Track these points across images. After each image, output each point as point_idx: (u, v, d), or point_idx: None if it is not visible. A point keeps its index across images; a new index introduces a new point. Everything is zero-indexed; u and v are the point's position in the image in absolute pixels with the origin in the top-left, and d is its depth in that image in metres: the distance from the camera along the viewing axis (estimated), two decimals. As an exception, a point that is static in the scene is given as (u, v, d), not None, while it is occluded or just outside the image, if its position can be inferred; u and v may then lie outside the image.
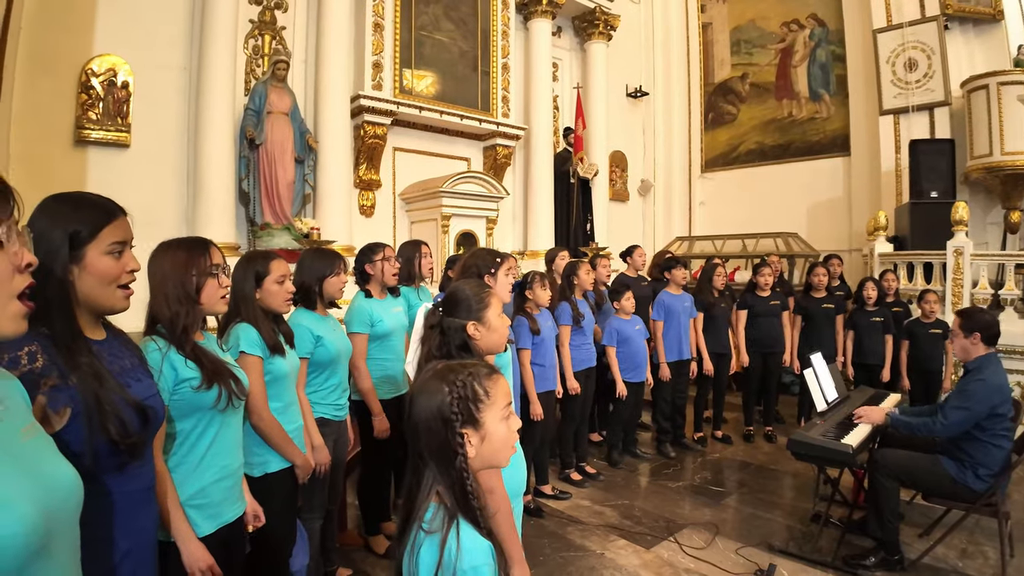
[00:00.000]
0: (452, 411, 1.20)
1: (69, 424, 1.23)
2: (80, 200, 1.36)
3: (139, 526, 1.39)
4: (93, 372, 1.28)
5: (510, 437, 1.27)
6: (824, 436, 3.15)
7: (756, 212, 8.74)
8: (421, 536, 1.16)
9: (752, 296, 5.48)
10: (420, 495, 1.22)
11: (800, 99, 8.71)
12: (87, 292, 1.33)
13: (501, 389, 1.26)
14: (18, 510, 0.81)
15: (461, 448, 1.20)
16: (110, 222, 1.35)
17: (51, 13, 4.66)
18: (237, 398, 1.87)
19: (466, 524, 1.16)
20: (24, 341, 1.21)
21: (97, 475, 1.29)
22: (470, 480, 1.19)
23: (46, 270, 1.25)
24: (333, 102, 5.82)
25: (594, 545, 3.46)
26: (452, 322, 1.83)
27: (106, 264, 1.33)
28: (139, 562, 1.39)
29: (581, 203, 7.82)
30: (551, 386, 4.04)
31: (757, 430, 5.58)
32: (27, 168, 4.40)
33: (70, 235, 1.29)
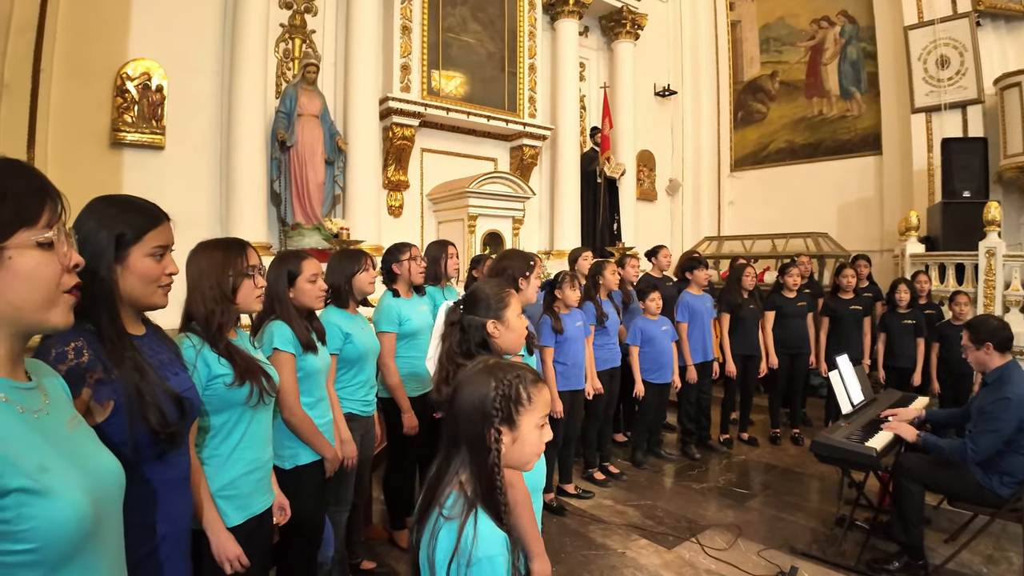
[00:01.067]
0: (494, 407, 1.24)
1: (111, 416, 1.30)
2: (128, 204, 1.43)
3: (175, 512, 1.46)
4: (135, 365, 1.34)
5: (540, 446, 1.30)
6: (848, 438, 3.12)
7: (786, 212, 8.64)
8: (441, 521, 1.21)
9: (779, 297, 5.43)
10: (444, 481, 1.27)
11: (831, 97, 8.58)
12: (129, 290, 1.40)
13: (543, 399, 1.30)
14: (71, 498, 0.87)
15: (496, 444, 1.24)
16: (155, 227, 1.42)
17: (86, 19, 4.83)
18: (268, 394, 1.93)
19: (484, 514, 1.20)
20: (70, 337, 1.28)
21: (137, 464, 1.35)
22: (499, 476, 1.23)
23: (93, 269, 1.31)
24: (362, 104, 5.92)
25: (616, 544, 3.47)
26: (472, 320, 1.88)
27: (148, 266, 1.40)
28: (174, 546, 1.45)
29: (608, 203, 7.82)
30: (577, 385, 4.05)
31: (783, 432, 5.52)
32: (65, 169, 4.55)
33: (116, 236, 1.36)
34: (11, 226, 0.88)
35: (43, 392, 0.99)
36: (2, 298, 0.88)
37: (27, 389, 0.95)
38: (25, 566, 0.83)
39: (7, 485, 0.81)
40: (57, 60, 4.60)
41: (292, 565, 2.45)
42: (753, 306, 5.26)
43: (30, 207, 0.90)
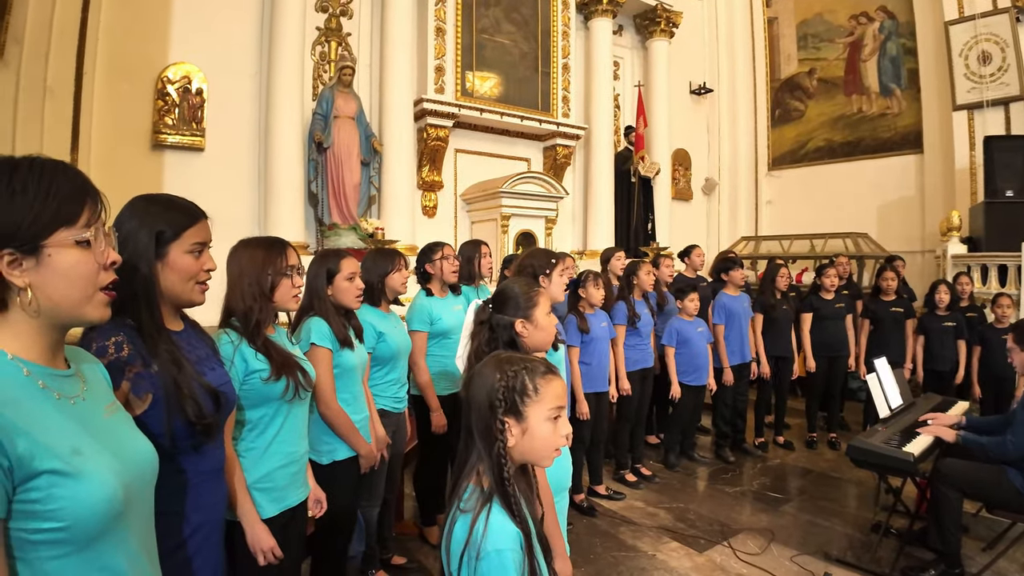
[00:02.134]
0: (498, 397, 1.25)
1: (150, 408, 1.35)
2: (168, 203, 1.48)
3: (209, 503, 1.50)
4: (173, 359, 1.39)
5: (554, 439, 1.29)
6: (886, 443, 3.04)
7: (825, 211, 8.44)
8: (456, 514, 1.23)
9: (816, 298, 5.31)
10: (463, 473, 1.29)
11: (870, 94, 8.36)
12: (168, 287, 1.44)
13: (553, 390, 1.29)
14: (101, 480, 0.92)
15: (501, 435, 1.25)
16: (193, 224, 1.47)
17: (128, 23, 4.98)
18: (304, 389, 1.98)
19: (499, 508, 1.21)
20: (111, 332, 1.34)
21: (174, 455, 1.40)
22: (507, 466, 1.23)
23: (133, 266, 1.37)
24: (397, 106, 5.99)
25: (646, 546, 3.45)
26: (501, 319, 1.89)
27: (187, 262, 1.45)
28: (207, 535, 1.50)
29: (642, 202, 7.77)
30: (601, 387, 4.04)
31: (820, 436, 5.41)
32: (107, 171, 4.69)
33: (156, 234, 1.41)
34: (52, 225, 0.93)
35: (82, 379, 1.05)
36: (42, 293, 0.93)
37: (65, 376, 1.00)
38: (54, 544, 0.87)
39: (38, 467, 0.85)
40: (100, 64, 4.75)
41: (325, 558, 2.50)
42: (786, 307, 5.17)
43: (70, 207, 0.95)
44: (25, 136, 3.76)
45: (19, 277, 0.92)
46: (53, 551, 0.87)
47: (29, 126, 3.81)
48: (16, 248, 0.91)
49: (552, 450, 1.30)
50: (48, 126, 4.02)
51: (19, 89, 3.68)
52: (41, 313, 0.94)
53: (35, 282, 0.93)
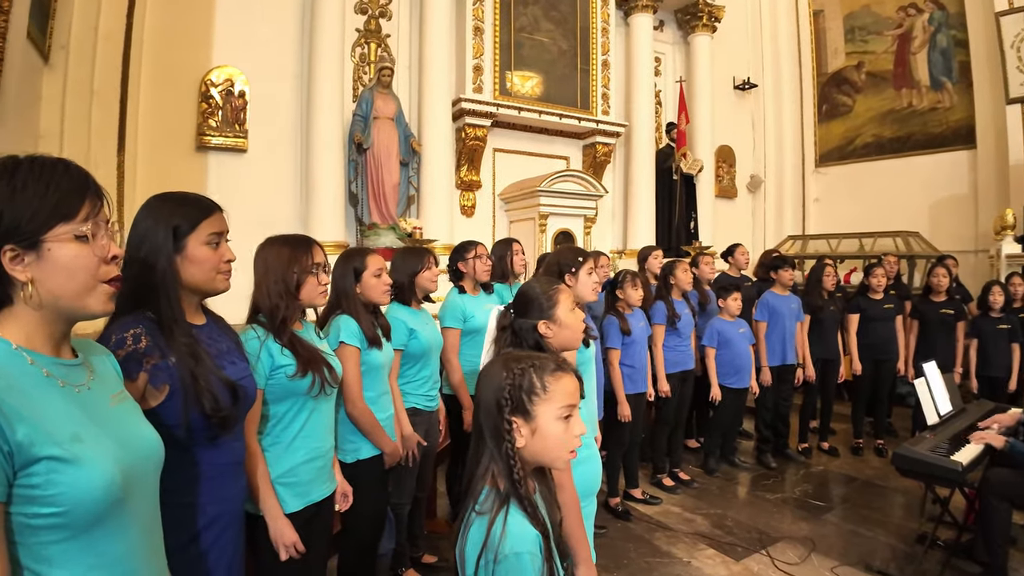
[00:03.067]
0: (504, 396, 1.22)
1: (167, 400, 1.37)
2: (181, 199, 1.51)
3: (226, 495, 1.51)
4: (191, 352, 1.41)
5: (566, 439, 1.25)
6: (933, 451, 2.88)
7: (874, 209, 8.12)
8: (472, 516, 1.20)
9: (864, 299, 5.09)
10: (477, 475, 1.25)
11: (920, 88, 8.02)
12: (190, 279, 1.47)
13: (563, 388, 1.25)
14: (100, 467, 0.93)
15: (508, 435, 1.21)
16: (208, 216, 1.49)
17: (172, 28, 5.14)
18: (330, 385, 1.98)
19: (517, 510, 1.17)
20: (131, 324, 1.37)
21: (190, 447, 1.43)
22: (517, 467, 1.20)
23: (152, 261, 1.41)
24: (435, 106, 6.03)
25: (681, 552, 3.36)
26: (523, 323, 1.85)
27: (205, 253, 1.47)
28: (224, 528, 1.51)
29: (684, 200, 7.62)
30: (641, 388, 3.96)
31: (867, 443, 5.19)
32: (153, 171, 4.87)
33: (173, 229, 1.43)
34: (51, 221, 0.96)
35: (89, 369, 1.07)
36: (43, 287, 0.96)
37: (71, 366, 1.03)
38: (52, 528, 0.89)
39: (38, 453, 0.87)
40: (145, 68, 4.92)
41: (352, 555, 2.51)
42: (833, 308, 4.97)
43: (69, 203, 0.98)
44: (73, 138, 3.88)
45: (21, 272, 0.95)
46: (52, 536, 0.89)
47: (77, 129, 3.92)
48: (17, 243, 0.94)
49: (566, 451, 1.26)
50: (95, 129, 4.15)
51: (66, 93, 3.78)
52: (44, 306, 0.97)
53: (37, 276, 0.96)
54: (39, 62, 3.50)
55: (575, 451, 1.28)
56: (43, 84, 3.60)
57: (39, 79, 3.55)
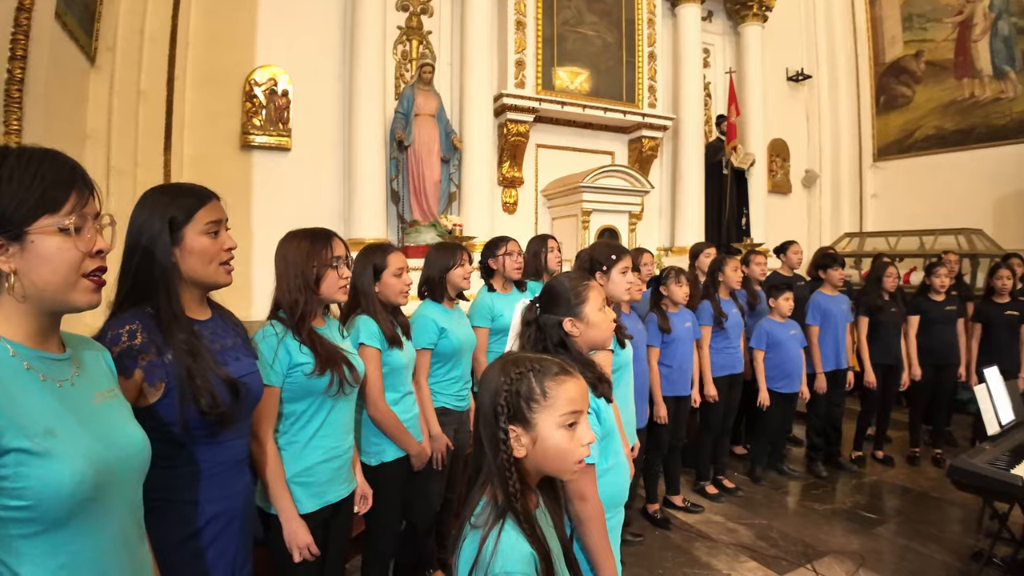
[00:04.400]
0: (499, 403, 1.13)
1: (163, 397, 1.35)
2: (175, 190, 1.49)
3: (227, 494, 1.48)
4: (189, 348, 1.38)
5: (571, 449, 1.15)
6: (992, 464, 2.65)
7: (935, 206, 7.66)
8: (467, 528, 1.12)
9: (925, 300, 4.78)
10: (476, 484, 1.18)
11: (982, 78, 7.48)
12: (190, 271, 1.44)
13: (566, 393, 1.15)
14: (71, 464, 0.92)
15: (504, 444, 1.12)
16: (203, 205, 1.46)
17: (216, 29, 5.21)
18: (349, 385, 1.94)
19: (513, 526, 1.08)
20: (128, 320, 1.35)
21: (190, 444, 1.41)
22: (513, 480, 1.11)
23: (150, 255, 1.39)
24: (477, 102, 5.96)
25: (720, 564, 3.20)
26: (548, 319, 1.75)
27: (204, 243, 1.44)
28: (225, 526, 1.48)
29: (735, 196, 7.35)
30: (682, 391, 3.80)
31: (924, 452, 4.86)
32: (199, 170, 4.95)
33: (169, 221, 1.41)
34: (35, 212, 0.95)
35: (75, 364, 1.06)
36: (27, 278, 0.96)
37: (56, 360, 1.02)
38: (21, 522, 0.89)
39: (7, 445, 0.87)
40: (190, 69, 5.00)
41: (373, 557, 2.46)
42: (895, 310, 4.67)
43: (54, 195, 0.97)
44: (120, 139, 3.99)
45: (5, 263, 0.95)
46: (20, 529, 0.89)
47: (124, 129, 4.03)
48: (1, 234, 0.93)
49: (571, 462, 1.16)
50: (142, 129, 4.25)
51: (112, 94, 3.88)
52: (27, 298, 0.97)
53: (20, 268, 0.95)
54: (85, 64, 3.59)
55: (583, 461, 1.18)
56: (90, 86, 3.69)
57: (86, 81, 3.64)
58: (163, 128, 4.52)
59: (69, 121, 3.41)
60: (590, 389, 1.68)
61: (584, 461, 1.18)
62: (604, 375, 1.76)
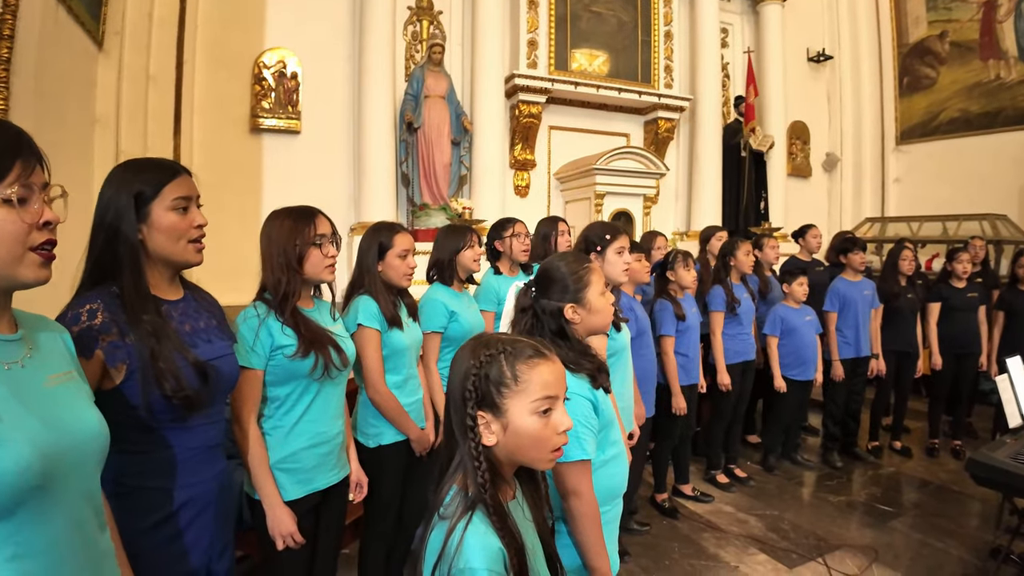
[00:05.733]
0: (468, 388, 1.06)
1: (126, 379, 1.30)
2: (144, 164, 1.43)
3: (199, 480, 1.45)
4: (153, 330, 1.33)
5: (545, 436, 1.07)
6: (1013, 459, 2.51)
7: (960, 190, 7.39)
8: (435, 520, 1.05)
9: (947, 287, 4.61)
10: (447, 473, 1.10)
11: (1008, 59, 7.17)
12: (158, 249, 1.39)
13: (539, 377, 1.07)
14: (15, 450, 0.87)
15: (472, 432, 1.05)
16: (172, 180, 1.40)
17: (225, 12, 5.15)
18: (335, 368, 1.88)
19: (482, 518, 1.01)
20: (89, 299, 1.30)
21: (158, 429, 1.36)
22: (482, 470, 1.04)
23: (115, 231, 1.33)
24: (488, 83, 5.85)
25: (729, 556, 3.11)
26: (547, 305, 1.64)
27: (171, 220, 1.39)
28: (199, 512, 1.45)
29: (754, 179, 7.17)
30: (694, 379, 3.69)
31: (943, 444, 4.72)
32: (209, 155, 4.94)
33: (134, 196, 1.35)
34: None
35: (28, 345, 1.01)
36: None
37: (5, 341, 0.97)
38: None
39: None
40: (199, 52, 4.96)
41: (372, 540, 2.42)
42: (911, 296, 4.51)
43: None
44: (129, 123, 3.97)
45: None
46: None
47: (133, 113, 4.02)
48: None
49: (546, 450, 1.08)
50: (151, 113, 4.23)
51: (121, 78, 3.87)
52: None
53: None
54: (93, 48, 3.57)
55: (561, 449, 1.10)
56: (98, 70, 3.67)
57: (93, 65, 3.62)
58: (172, 112, 4.51)
59: (77, 106, 3.40)
60: (588, 380, 1.60)
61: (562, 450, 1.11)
62: (603, 365, 1.68)
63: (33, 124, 2.66)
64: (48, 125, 2.83)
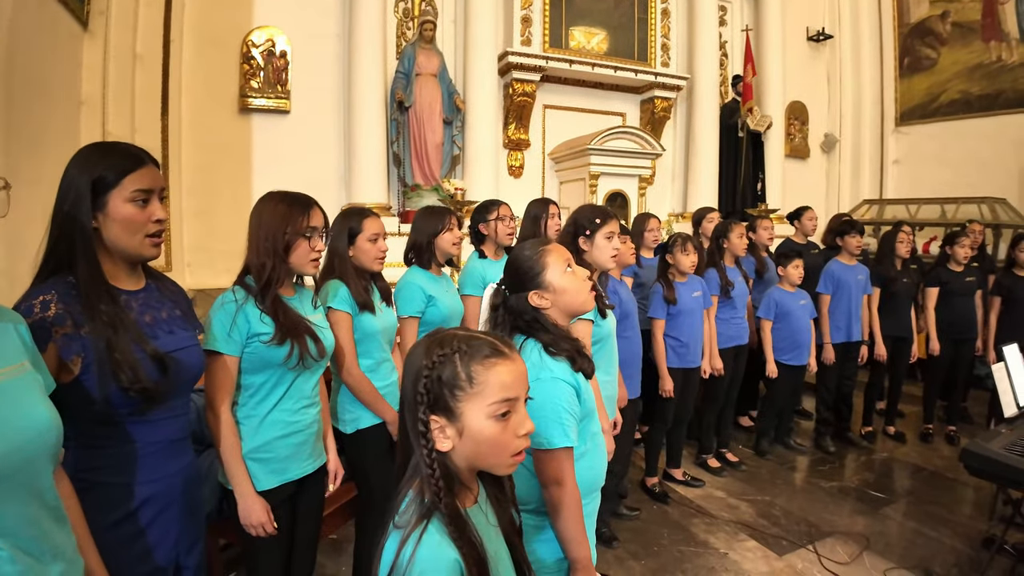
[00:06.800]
0: (418, 391, 0.99)
1: (83, 372, 1.26)
2: (110, 148, 1.38)
3: (162, 475, 1.41)
4: (109, 321, 1.29)
5: (504, 441, 1.01)
6: (1007, 450, 2.45)
7: (960, 173, 7.29)
8: (391, 527, 1.00)
9: (945, 271, 4.53)
10: (404, 478, 1.05)
11: (1010, 41, 7.04)
12: (114, 240, 1.34)
13: (497, 378, 1.00)
14: None
15: (424, 437, 0.99)
16: (135, 169, 1.34)
17: (213, -11, 5.02)
18: (311, 358, 1.83)
19: (438, 527, 0.96)
20: (43, 290, 1.25)
21: (119, 423, 1.33)
22: (436, 476, 0.98)
23: (72, 218, 1.28)
24: (481, 61, 5.73)
25: (719, 543, 3.09)
26: (516, 298, 1.60)
27: (129, 212, 1.33)
28: (164, 507, 1.42)
29: (751, 160, 7.06)
30: (691, 363, 3.62)
31: (938, 429, 4.68)
32: (198, 136, 4.87)
33: (93, 182, 1.30)
34: None
35: None
36: None
37: None
38: None
39: None
40: (187, 31, 4.85)
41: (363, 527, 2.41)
42: (907, 280, 4.45)
43: None
44: (116, 104, 3.91)
45: None
46: None
47: (120, 94, 3.95)
48: None
49: (506, 455, 1.02)
50: (139, 94, 4.16)
51: (107, 58, 3.79)
52: None
53: None
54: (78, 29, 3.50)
55: (522, 452, 1.05)
56: (83, 51, 3.61)
57: (79, 46, 3.56)
58: (160, 92, 4.43)
59: (63, 88, 3.35)
60: (568, 363, 1.55)
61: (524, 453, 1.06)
62: (582, 348, 1.62)
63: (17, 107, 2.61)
64: (33, 107, 2.77)
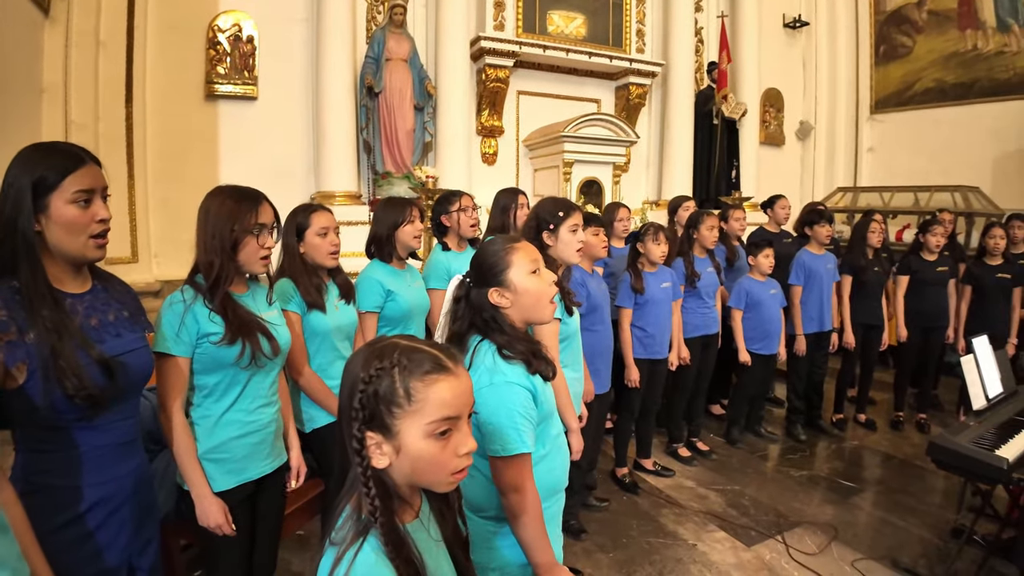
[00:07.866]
0: (354, 406, 0.94)
1: (28, 379, 1.24)
2: (51, 148, 1.34)
3: (110, 478, 1.41)
4: (53, 327, 1.26)
5: (443, 460, 0.96)
6: (976, 443, 2.45)
7: (934, 161, 7.35)
8: (326, 544, 0.95)
9: (916, 259, 4.55)
10: (341, 493, 1.00)
11: (986, 29, 7.09)
12: (56, 243, 1.31)
13: (438, 396, 0.94)
14: None
15: (359, 454, 0.94)
16: (76, 169, 1.31)
17: (177, -27, 4.86)
18: (264, 356, 1.78)
19: (375, 545, 0.91)
20: None
21: (65, 428, 1.32)
22: (372, 494, 0.93)
23: (12, 222, 1.26)
24: (453, 45, 5.63)
25: (687, 534, 3.09)
26: (478, 293, 1.56)
27: (71, 214, 1.30)
28: (112, 511, 1.41)
29: (726, 147, 7.05)
30: (657, 354, 3.61)
31: (908, 416, 4.72)
32: (163, 123, 4.75)
33: (34, 183, 1.26)
34: None
35: None
36: None
37: None
38: None
39: None
40: (151, 16, 4.71)
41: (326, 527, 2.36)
42: (878, 268, 4.47)
43: None
44: (79, 92, 3.83)
45: None
46: None
47: (82, 81, 3.86)
48: None
49: (445, 474, 0.97)
50: (102, 81, 4.07)
51: (69, 45, 3.71)
52: None
53: None
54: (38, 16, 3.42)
55: (464, 470, 1.00)
56: (44, 38, 3.54)
57: (39, 33, 3.48)
58: (124, 79, 4.33)
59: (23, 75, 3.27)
60: (523, 367, 1.51)
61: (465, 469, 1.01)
62: (539, 350, 1.58)
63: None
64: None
